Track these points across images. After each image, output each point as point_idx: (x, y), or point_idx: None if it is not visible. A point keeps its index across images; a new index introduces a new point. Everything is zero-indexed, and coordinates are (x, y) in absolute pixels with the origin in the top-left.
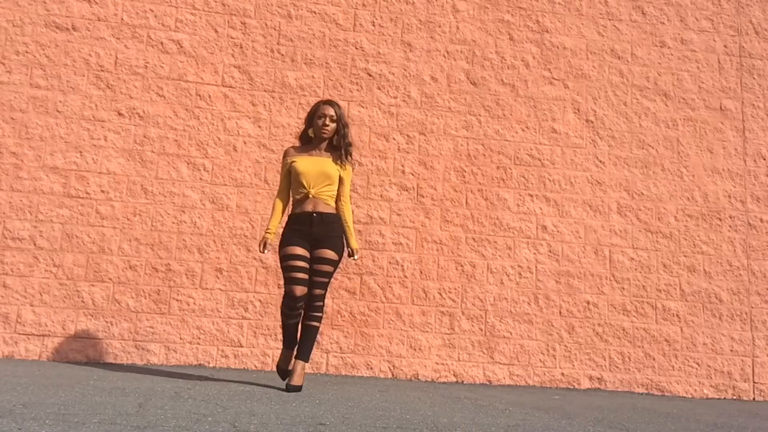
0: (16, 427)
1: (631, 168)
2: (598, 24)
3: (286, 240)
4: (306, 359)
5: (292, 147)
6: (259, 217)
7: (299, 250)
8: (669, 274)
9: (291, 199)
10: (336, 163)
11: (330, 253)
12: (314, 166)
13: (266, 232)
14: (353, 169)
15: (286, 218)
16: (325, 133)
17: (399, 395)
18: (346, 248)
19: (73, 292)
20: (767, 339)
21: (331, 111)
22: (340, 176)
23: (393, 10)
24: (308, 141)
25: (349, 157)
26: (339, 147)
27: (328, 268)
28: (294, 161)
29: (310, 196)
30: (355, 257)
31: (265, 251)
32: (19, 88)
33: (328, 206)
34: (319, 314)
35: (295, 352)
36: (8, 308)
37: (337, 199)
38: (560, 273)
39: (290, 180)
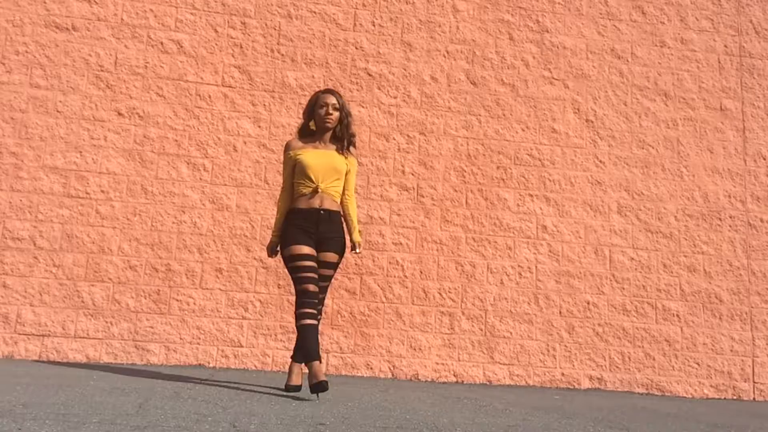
0: (16, 427)
1: (631, 168)
2: (598, 24)
3: (292, 238)
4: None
5: (295, 138)
6: (259, 217)
7: (307, 249)
8: (669, 274)
9: (294, 193)
10: (340, 154)
11: (334, 257)
12: (322, 160)
13: (274, 235)
14: (357, 160)
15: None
16: (329, 122)
17: (399, 395)
18: (346, 246)
19: (73, 292)
20: (767, 339)
21: (333, 99)
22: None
23: (393, 10)
24: (308, 134)
25: (352, 147)
26: (342, 138)
27: (330, 272)
28: (299, 154)
29: (319, 191)
30: (358, 250)
31: (275, 256)
32: (19, 88)
33: (334, 203)
34: (319, 317)
35: (299, 358)
36: (8, 308)
37: (342, 192)
38: (560, 273)
39: (294, 174)
